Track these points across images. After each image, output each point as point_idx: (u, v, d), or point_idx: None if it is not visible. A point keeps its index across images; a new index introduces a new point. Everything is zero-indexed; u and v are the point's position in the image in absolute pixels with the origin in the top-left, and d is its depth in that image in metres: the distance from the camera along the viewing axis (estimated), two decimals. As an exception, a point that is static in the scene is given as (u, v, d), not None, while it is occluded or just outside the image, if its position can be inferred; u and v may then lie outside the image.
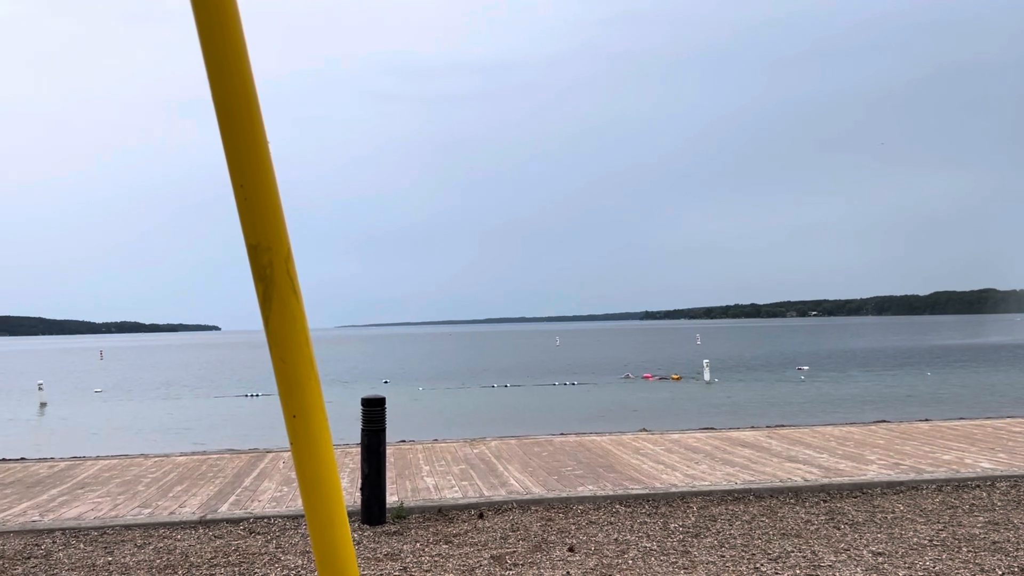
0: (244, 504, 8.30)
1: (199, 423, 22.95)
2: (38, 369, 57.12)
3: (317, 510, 1.61)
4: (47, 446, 17.65)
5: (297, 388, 1.59)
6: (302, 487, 1.62)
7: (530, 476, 9.34)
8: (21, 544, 7.08)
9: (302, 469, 1.61)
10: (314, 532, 1.62)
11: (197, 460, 11.14)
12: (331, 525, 1.63)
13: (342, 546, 1.66)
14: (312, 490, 1.61)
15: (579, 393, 29.36)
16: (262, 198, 1.52)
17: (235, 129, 1.49)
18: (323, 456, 1.64)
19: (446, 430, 17.16)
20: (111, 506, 8.39)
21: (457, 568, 6.16)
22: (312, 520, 1.62)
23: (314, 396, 1.62)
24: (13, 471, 10.70)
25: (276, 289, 1.55)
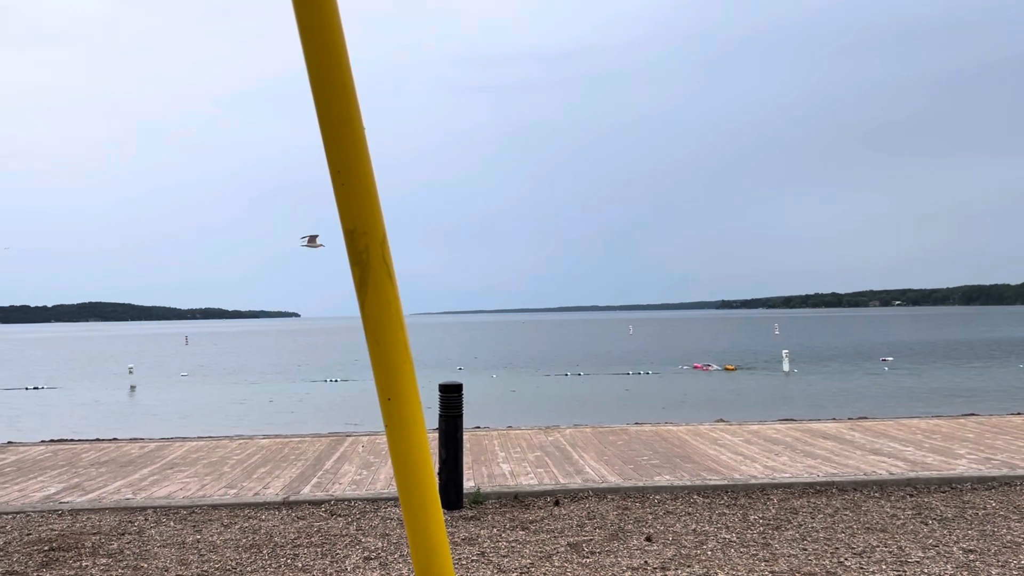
0: (325, 486, 8.49)
1: (281, 407, 23.56)
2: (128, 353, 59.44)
3: (411, 491, 1.63)
4: (137, 427, 18.36)
5: (392, 371, 1.61)
6: (396, 468, 1.64)
7: (606, 465, 9.32)
8: (116, 521, 7.39)
9: (396, 451, 1.63)
10: (407, 512, 1.64)
11: (279, 443, 11.43)
12: (424, 506, 1.64)
13: (435, 527, 1.68)
14: (406, 471, 1.63)
15: (653, 382, 29.12)
16: (359, 184, 1.55)
17: (332, 116, 1.52)
18: (417, 438, 1.65)
19: (520, 417, 17.23)
20: (199, 486, 8.68)
21: (534, 554, 6.18)
22: (405, 501, 1.64)
23: (408, 379, 1.64)
24: (107, 451, 11.17)
25: (372, 273, 1.57)
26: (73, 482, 9.03)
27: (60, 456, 10.76)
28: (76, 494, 8.40)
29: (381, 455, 10.20)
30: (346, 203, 1.54)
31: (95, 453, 10.97)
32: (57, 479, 9.21)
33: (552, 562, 6.00)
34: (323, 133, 1.53)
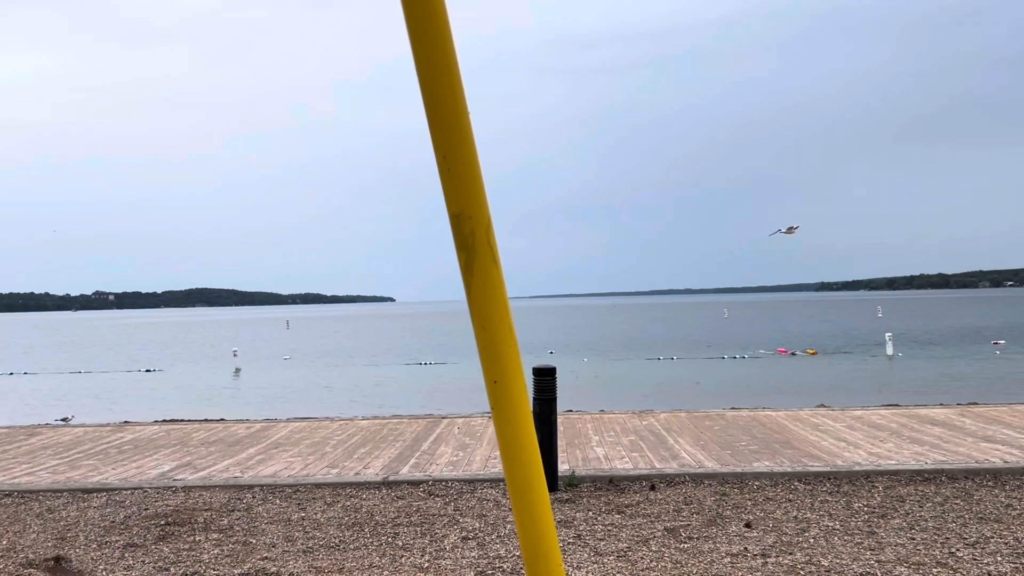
0: (423, 467, 8.66)
1: (378, 389, 24.10)
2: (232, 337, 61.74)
3: (516, 473, 1.64)
4: (243, 408, 19.08)
5: (497, 354, 1.62)
6: (502, 451, 1.65)
7: (702, 450, 9.20)
8: (226, 498, 7.71)
9: (502, 433, 1.65)
10: (514, 494, 1.66)
11: (378, 424, 11.71)
12: (530, 488, 1.65)
13: (541, 509, 1.69)
14: (512, 454, 1.64)
15: (750, 367, 28.55)
16: (464, 168, 1.56)
17: (438, 101, 1.53)
18: (522, 421, 1.66)
19: (613, 401, 17.17)
20: (302, 465, 8.97)
21: (630, 538, 6.17)
22: (512, 482, 1.65)
23: (513, 362, 1.65)
24: (216, 431, 11.65)
25: (477, 258, 1.58)
26: (185, 460, 9.45)
27: (172, 435, 11.28)
28: (188, 472, 8.80)
29: (476, 437, 10.33)
30: (451, 188, 1.56)
31: (204, 433, 11.45)
32: (170, 457, 9.67)
33: (649, 546, 5.97)
34: (429, 118, 1.54)
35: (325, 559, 5.83)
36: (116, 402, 22.45)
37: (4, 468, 9.27)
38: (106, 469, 9.05)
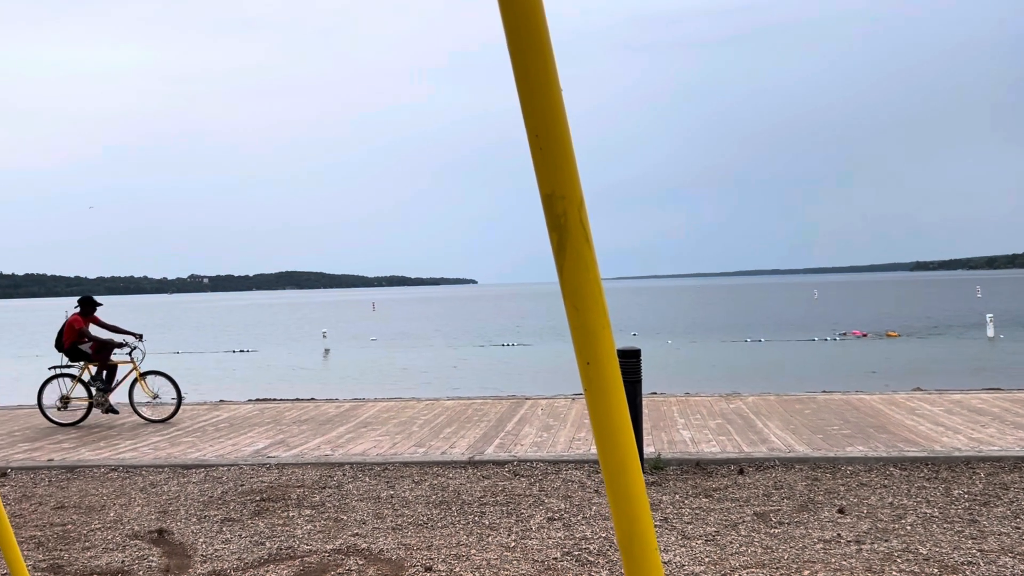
0: (508, 447, 8.71)
1: (461, 370, 24.36)
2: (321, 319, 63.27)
3: (610, 455, 1.62)
4: (332, 388, 19.55)
5: (590, 336, 1.60)
6: (596, 432, 1.63)
7: (792, 434, 9.00)
8: (317, 475, 7.92)
9: (596, 415, 1.62)
10: (608, 476, 1.64)
11: (463, 405, 11.83)
12: (624, 470, 1.63)
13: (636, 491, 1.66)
14: (605, 436, 1.62)
15: (841, 349, 27.78)
16: (556, 148, 1.53)
17: (530, 80, 1.51)
18: (616, 402, 1.64)
19: (698, 384, 16.94)
20: (390, 444, 9.14)
21: (719, 522, 6.08)
22: (606, 464, 1.63)
23: (607, 344, 1.62)
24: (307, 410, 11.97)
25: (570, 238, 1.56)
26: (278, 438, 9.75)
27: (266, 414, 11.64)
28: (281, 449, 9.07)
29: (560, 418, 10.34)
30: (544, 168, 1.54)
31: (296, 412, 11.78)
32: (264, 435, 9.98)
33: (738, 531, 5.88)
34: (521, 97, 1.52)
35: (414, 536, 5.93)
36: (212, 382, 23.30)
37: (110, 444, 9.73)
38: (204, 446, 9.41)
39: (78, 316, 11.54)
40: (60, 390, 11.42)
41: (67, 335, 11.45)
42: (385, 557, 5.52)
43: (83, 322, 11.52)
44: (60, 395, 11.37)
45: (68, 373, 11.48)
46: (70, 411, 11.39)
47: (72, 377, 11.43)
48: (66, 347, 11.47)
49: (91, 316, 11.65)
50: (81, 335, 11.42)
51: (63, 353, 11.54)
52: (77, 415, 11.36)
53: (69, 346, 11.45)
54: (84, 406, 11.37)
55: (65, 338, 11.47)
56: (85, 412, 11.34)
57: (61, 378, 11.48)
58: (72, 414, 11.38)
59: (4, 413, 12.63)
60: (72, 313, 11.65)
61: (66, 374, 11.48)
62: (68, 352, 11.49)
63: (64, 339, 11.47)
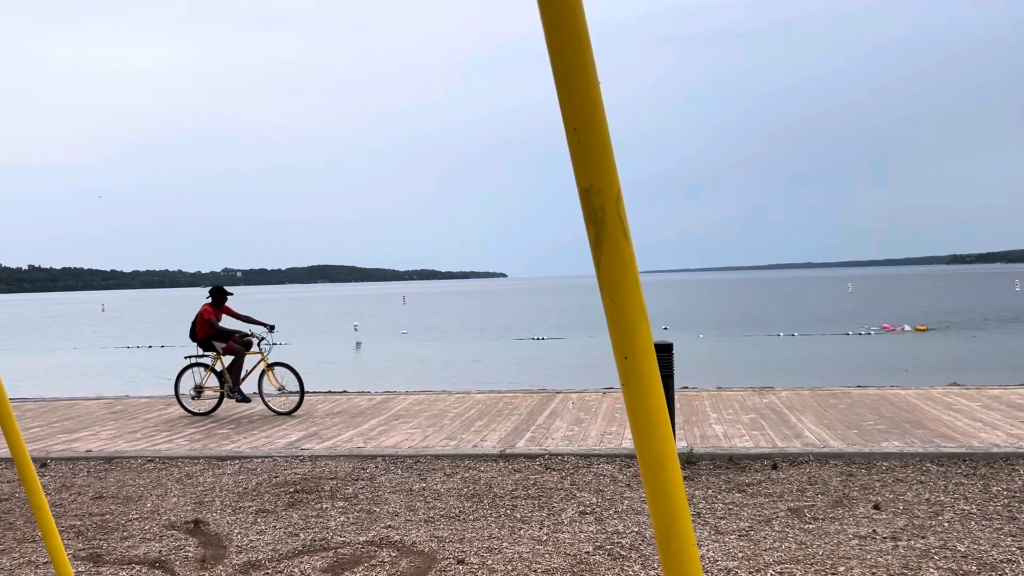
0: (539, 441, 8.72)
1: (492, 364, 24.40)
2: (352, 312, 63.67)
3: (648, 450, 1.61)
4: (364, 381, 19.68)
5: (628, 330, 1.59)
6: (633, 427, 1.63)
7: (826, 429, 8.91)
8: (350, 467, 7.98)
9: (633, 409, 1.62)
10: (645, 471, 1.63)
11: (494, 398, 11.85)
12: (662, 465, 1.62)
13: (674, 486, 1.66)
14: (643, 430, 1.61)
15: (875, 343, 27.43)
16: (594, 141, 1.53)
17: (568, 73, 1.50)
18: (653, 397, 1.63)
19: (731, 378, 16.82)
20: (422, 437, 9.18)
21: (752, 517, 6.04)
22: (643, 459, 1.62)
23: (644, 338, 1.61)
24: (339, 402, 12.06)
25: (607, 231, 1.55)
26: (311, 430, 9.83)
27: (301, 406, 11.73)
28: (314, 442, 9.15)
29: (591, 412, 10.33)
30: (581, 161, 1.53)
31: (329, 404, 11.87)
32: (297, 427, 10.07)
33: (772, 526, 5.83)
34: (559, 90, 1.52)
35: (446, 529, 5.96)
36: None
37: (146, 436, 9.87)
38: (238, 438, 9.51)
39: (209, 306, 11.50)
40: (194, 379, 11.49)
41: (200, 326, 11.45)
42: (418, 549, 5.55)
43: (213, 312, 11.45)
44: (194, 384, 11.43)
45: (202, 363, 11.54)
46: (203, 400, 11.50)
47: (205, 367, 11.49)
48: (200, 338, 11.47)
49: (222, 306, 11.60)
50: (212, 326, 11.38)
51: (197, 343, 11.56)
52: (210, 404, 11.46)
53: (203, 337, 11.45)
54: (216, 396, 11.44)
55: (198, 329, 11.47)
56: (217, 402, 11.39)
57: (195, 367, 11.55)
58: (205, 403, 11.50)
59: (43, 404, 12.87)
60: (204, 303, 11.63)
61: (200, 363, 11.54)
62: (202, 343, 11.49)
63: (197, 330, 11.48)
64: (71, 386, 20.61)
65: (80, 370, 26.80)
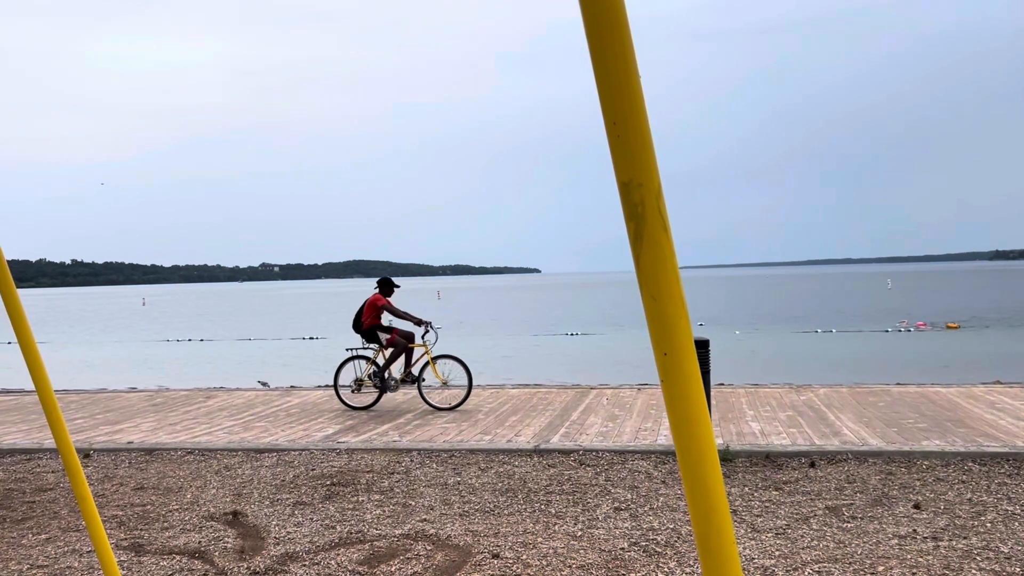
0: (573, 436, 8.70)
1: (525, 359, 24.40)
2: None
3: (688, 447, 1.60)
4: (399, 375, 19.77)
5: (668, 326, 1.58)
6: (673, 424, 1.61)
7: (865, 427, 8.79)
8: (386, 460, 8.03)
9: (673, 406, 1.61)
10: (685, 468, 1.62)
11: (527, 393, 11.85)
12: (702, 462, 1.61)
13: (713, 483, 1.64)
14: (683, 427, 1.60)
15: (914, 341, 27.00)
16: (634, 135, 1.51)
17: (608, 66, 1.49)
18: (693, 394, 1.62)
19: (768, 375, 16.65)
20: (456, 431, 9.21)
21: (789, 516, 5.98)
22: (683, 456, 1.61)
23: (684, 334, 1.60)
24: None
25: (647, 227, 1.54)
26: (348, 424, 9.91)
27: (335, 401, 11.83)
28: (350, 435, 9.22)
29: (625, 408, 10.29)
30: (621, 155, 1.52)
31: (364, 398, 11.94)
32: (334, 421, 10.16)
33: (810, 525, 5.77)
34: (598, 83, 1.51)
35: (481, 523, 5.97)
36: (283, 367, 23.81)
37: (186, 428, 10.02)
38: (276, 431, 9.62)
39: (378, 296, 11.19)
40: (355, 372, 11.20)
41: (367, 315, 11.15)
42: (453, 543, 5.57)
43: (382, 302, 11.14)
44: (355, 377, 11.17)
45: (364, 355, 11.27)
46: (363, 394, 11.31)
47: (367, 360, 11.21)
48: (365, 328, 11.15)
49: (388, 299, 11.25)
50: (379, 313, 11.08)
51: (360, 335, 11.25)
52: (369, 399, 11.16)
53: (368, 327, 11.12)
54: (376, 390, 11.07)
55: (364, 318, 11.16)
56: (377, 396, 11.06)
57: (356, 360, 11.28)
58: (365, 397, 11.25)
59: (86, 396, 13.11)
60: (373, 293, 11.32)
61: (362, 356, 11.27)
62: (366, 334, 11.17)
63: (364, 320, 11.16)
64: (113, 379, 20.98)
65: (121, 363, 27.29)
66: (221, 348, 32.13)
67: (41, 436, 9.67)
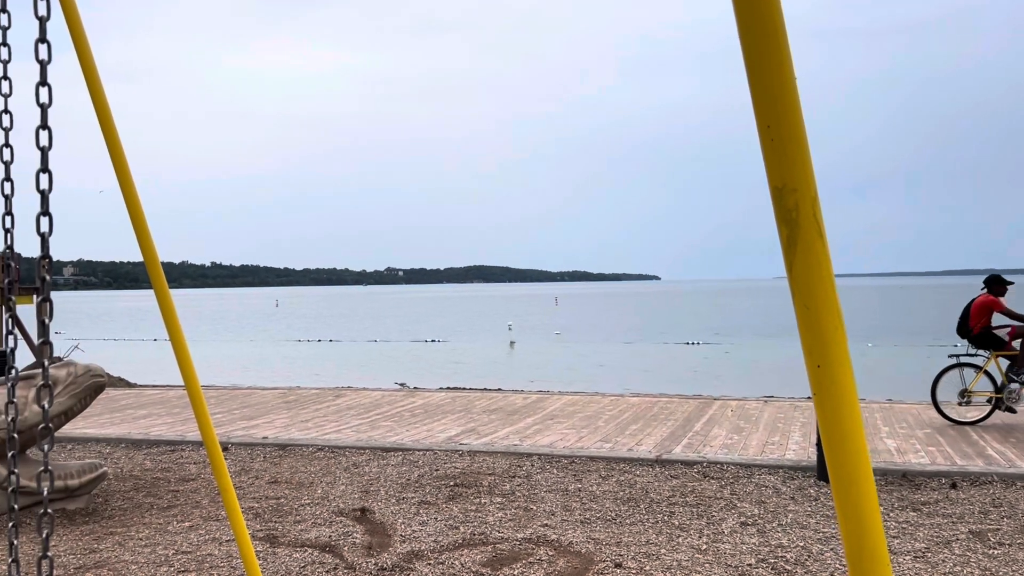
0: (696, 447, 8.53)
1: (644, 367, 24.14)
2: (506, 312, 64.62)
3: (841, 464, 1.54)
4: (518, 379, 19.93)
5: (822, 337, 1.52)
6: (825, 439, 1.55)
7: (1012, 447, 8.24)
8: (507, 464, 8.09)
9: (825, 421, 1.54)
10: (836, 486, 1.55)
11: (648, 402, 11.71)
12: (856, 480, 1.54)
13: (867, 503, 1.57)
14: (836, 444, 1.54)
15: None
16: (789, 139, 1.47)
17: (763, 67, 1.45)
18: (848, 409, 1.55)
19: (904, 390, 15.87)
20: (576, 438, 9.19)
21: (929, 538, 5.67)
22: (835, 474, 1.54)
23: (840, 346, 1.53)
24: (495, 399, 12.26)
25: (802, 233, 1.49)
26: (469, 426, 10.04)
27: (457, 402, 12.03)
28: (472, 437, 9.34)
29: (751, 420, 10.01)
30: (775, 159, 1.47)
31: (485, 401, 12.09)
32: (456, 423, 10.31)
33: (951, 549, 5.45)
34: (752, 85, 1.47)
35: (602, 531, 5.93)
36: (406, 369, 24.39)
37: (317, 425, 10.39)
38: (401, 431, 9.85)
39: (988, 296, 9.87)
40: (962, 382, 9.75)
41: (976, 318, 9.85)
42: (575, 550, 5.55)
43: (996, 303, 9.80)
44: (961, 388, 9.71)
45: (971, 363, 9.83)
46: (971, 407, 9.76)
47: (976, 368, 9.77)
48: (974, 332, 9.86)
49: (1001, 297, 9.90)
50: (990, 314, 9.81)
51: (968, 339, 9.97)
52: (978, 413, 9.63)
53: (979, 331, 9.82)
54: (987, 403, 9.60)
55: (972, 321, 9.88)
56: (989, 410, 9.55)
57: (962, 368, 9.81)
58: (972, 411, 9.72)
59: (224, 392, 13.78)
60: (980, 293, 10.05)
61: (969, 364, 9.82)
62: (976, 338, 9.84)
63: (971, 322, 9.90)
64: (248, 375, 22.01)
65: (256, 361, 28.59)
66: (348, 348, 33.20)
67: (184, 429, 10.22)
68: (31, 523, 6.28)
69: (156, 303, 3.65)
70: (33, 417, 6.23)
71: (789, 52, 1.40)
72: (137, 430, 10.17)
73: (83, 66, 3.30)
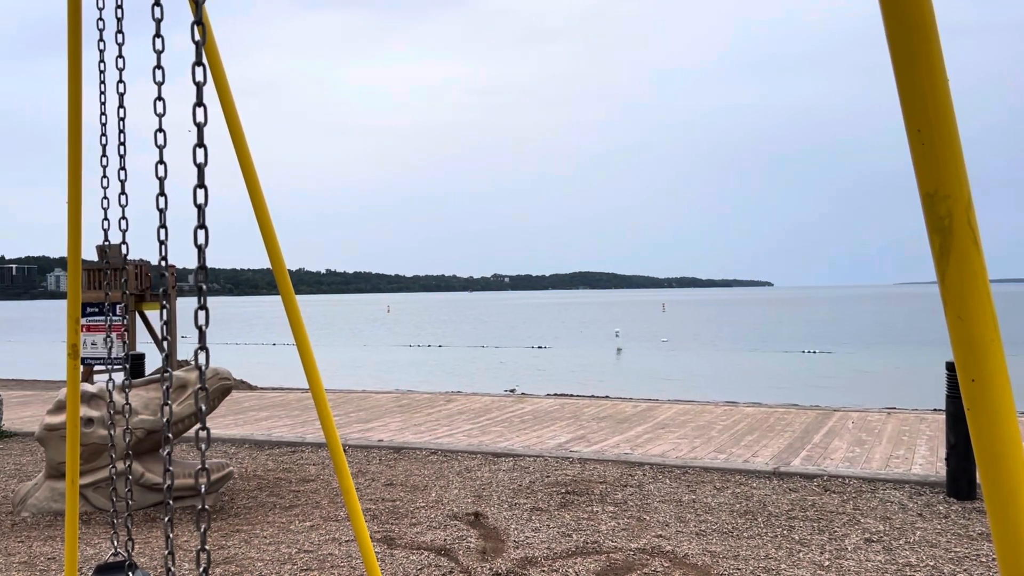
0: (816, 460, 8.26)
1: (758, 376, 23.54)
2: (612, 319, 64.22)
3: (998, 482, 1.46)
4: (626, 387, 19.76)
5: (976, 349, 1.45)
6: (979, 457, 1.48)
7: None
8: (618, 472, 8.02)
9: (980, 438, 1.48)
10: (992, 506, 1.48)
11: (764, 412, 11.41)
12: (1014, 501, 1.47)
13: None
14: (991, 461, 1.47)
15: None
16: (941, 143, 1.41)
17: (914, 70, 1.40)
18: (1005, 425, 1.48)
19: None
20: (689, 448, 9.04)
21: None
22: (990, 494, 1.47)
23: (996, 359, 1.46)
24: (604, 407, 12.19)
25: (955, 241, 1.43)
26: (579, 433, 10.02)
27: (566, 409, 12.02)
28: (582, 444, 9.31)
29: (874, 433, 9.62)
30: (926, 164, 1.42)
31: (594, 408, 12.04)
32: (566, 429, 10.30)
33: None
34: (901, 88, 1.42)
35: (719, 544, 5.81)
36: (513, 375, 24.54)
37: (429, 429, 10.57)
38: (511, 436, 9.91)
39: None
40: None
41: None
42: (691, 562, 5.46)
43: None
44: None
45: None
46: None
47: None
48: None
49: None
50: None
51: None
52: None
53: None
54: None
55: None
56: None
57: None
58: None
59: (340, 396, 14.20)
60: None
61: None
62: None
63: None
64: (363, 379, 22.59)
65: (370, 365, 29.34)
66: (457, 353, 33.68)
67: (304, 431, 10.58)
68: (162, 518, 6.61)
69: (279, 308, 3.79)
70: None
71: (940, 52, 1.35)
72: (260, 431, 10.58)
73: (216, 83, 3.48)
